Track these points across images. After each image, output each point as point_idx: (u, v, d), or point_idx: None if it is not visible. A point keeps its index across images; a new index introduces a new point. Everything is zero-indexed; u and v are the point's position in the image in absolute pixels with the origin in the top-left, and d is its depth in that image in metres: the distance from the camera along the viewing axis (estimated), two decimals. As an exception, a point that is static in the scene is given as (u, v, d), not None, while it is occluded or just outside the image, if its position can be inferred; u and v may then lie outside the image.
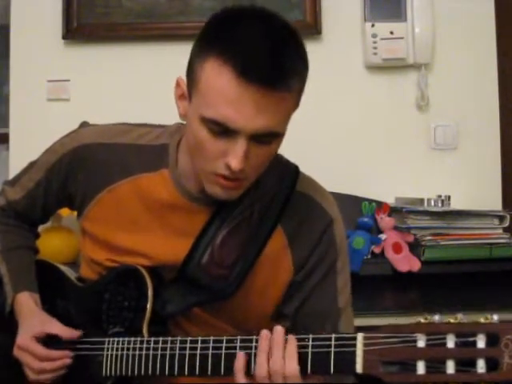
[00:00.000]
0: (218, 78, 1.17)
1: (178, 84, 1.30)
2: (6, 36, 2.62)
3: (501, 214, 2.35)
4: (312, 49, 2.45)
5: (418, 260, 2.28)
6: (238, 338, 1.20)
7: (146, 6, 2.55)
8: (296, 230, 1.37)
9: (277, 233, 1.36)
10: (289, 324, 1.36)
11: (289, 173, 1.40)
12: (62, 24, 2.55)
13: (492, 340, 0.94)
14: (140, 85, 2.54)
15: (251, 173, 1.25)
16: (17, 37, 2.60)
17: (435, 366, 0.97)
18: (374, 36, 2.50)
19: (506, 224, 2.33)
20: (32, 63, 2.59)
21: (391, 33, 2.51)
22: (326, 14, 2.56)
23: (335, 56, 2.59)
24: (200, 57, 1.21)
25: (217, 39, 1.20)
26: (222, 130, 1.19)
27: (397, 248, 2.32)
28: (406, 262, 2.29)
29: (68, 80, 2.58)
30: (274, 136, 1.23)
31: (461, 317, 0.98)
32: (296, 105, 1.26)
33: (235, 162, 1.19)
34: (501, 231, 2.34)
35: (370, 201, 2.44)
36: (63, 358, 1.37)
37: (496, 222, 2.35)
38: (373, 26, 2.51)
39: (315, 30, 2.55)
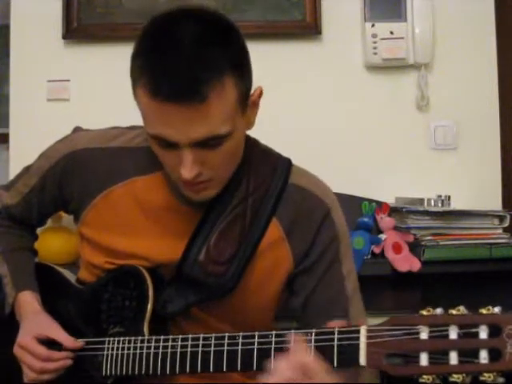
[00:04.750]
0: (141, 100, 1.21)
1: None
2: (6, 36, 2.61)
3: (501, 213, 2.35)
4: (312, 49, 2.57)
5: (418, 260, 2.27)
6: (241, 334, 1.20)
7: (146, 6, 2.54)
8: (293, 222, 1.37)
9: (272, 225, 1.37)
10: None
11: (281, 165, 1.40)
12: (62, 24, 2.54)
13: (494, 331, 0.94)
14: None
15: (215, 173, 1.26)
16: (17, 37, 2.58)
17: (438, 357, 0.98)
18: (374, 36, 2.50)
19: (506, 224, 2.33)
20: (32, 63, 2.58)
21: (391, 33, 2.51)
22: (326, 14, 2.56)
23: (335, 56, 2.59)
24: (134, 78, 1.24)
25: (138, 60, 1.22)
26: (166, 144, 1.22)
27: (397, 248, 2.31)
28: (405, 262, 2.28)
29: (68, 80, 2.57)
30: (219, 138, 1.21)
31: (463, 309, 0.98)
32: (231, 99, 1.21)
33: (185, 172, 1.21)
34: (501, 231, 2.34)
35: (370, 201, 2.43)
36: (65, 359, 1.37)
37: (496, 222, 2.35)
38: (373, 26, 2.51)
39: (315, 30, 2.55)
